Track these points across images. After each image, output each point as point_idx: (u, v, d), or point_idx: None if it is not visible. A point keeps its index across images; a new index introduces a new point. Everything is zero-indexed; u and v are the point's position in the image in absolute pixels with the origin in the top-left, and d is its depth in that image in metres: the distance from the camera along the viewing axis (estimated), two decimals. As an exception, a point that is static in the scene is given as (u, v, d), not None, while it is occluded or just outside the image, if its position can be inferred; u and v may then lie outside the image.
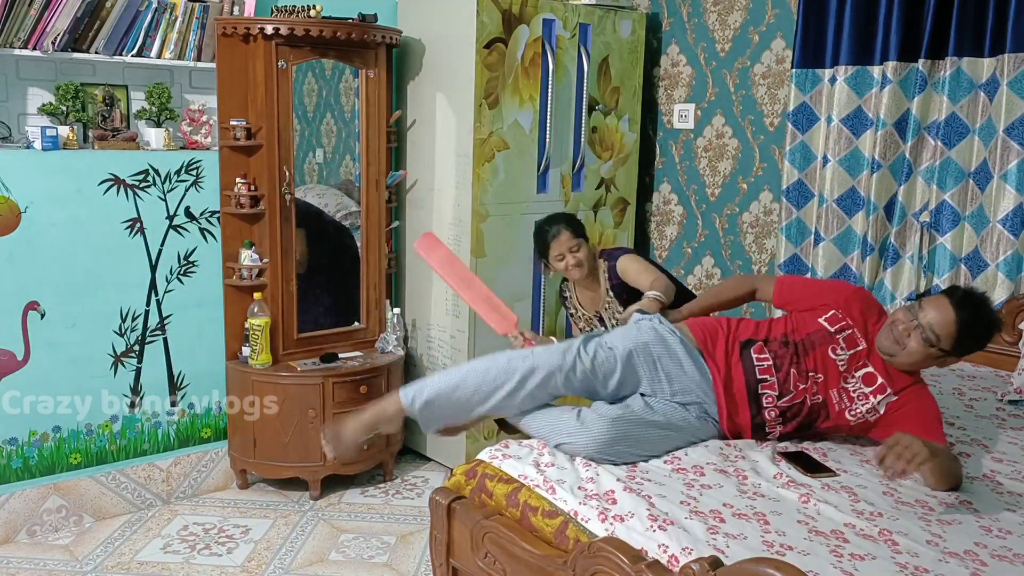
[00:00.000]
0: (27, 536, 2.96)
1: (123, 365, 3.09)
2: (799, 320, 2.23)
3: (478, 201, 3.36)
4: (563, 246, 2.83)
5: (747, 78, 3.63)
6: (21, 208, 2.79)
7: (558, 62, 3.49)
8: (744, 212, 3.72)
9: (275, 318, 3.25)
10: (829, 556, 1.59)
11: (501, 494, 1.98)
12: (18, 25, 2.73)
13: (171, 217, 3.11)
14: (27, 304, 2.85)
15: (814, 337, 2.17)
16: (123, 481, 3.15)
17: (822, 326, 2.18)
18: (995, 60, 2.83)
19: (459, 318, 3.47)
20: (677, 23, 3.87)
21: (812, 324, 2.20)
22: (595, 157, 3.75)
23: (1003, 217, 2.82)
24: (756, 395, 2.15)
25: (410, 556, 2.92)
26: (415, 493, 3.43)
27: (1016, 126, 2.78)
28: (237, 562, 2.86)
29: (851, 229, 3.23)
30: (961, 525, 1.76)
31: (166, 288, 3.14)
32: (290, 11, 3.12)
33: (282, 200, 3.20)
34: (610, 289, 2.88)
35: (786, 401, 2.14)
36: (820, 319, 2.19)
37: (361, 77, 3.36)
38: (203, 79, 3.21)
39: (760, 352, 2.18)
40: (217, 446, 3.37)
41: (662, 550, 1.63)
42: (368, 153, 3.43)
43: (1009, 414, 2.51)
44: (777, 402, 2.14)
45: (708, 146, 3.81)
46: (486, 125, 3.33)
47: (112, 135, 3.01)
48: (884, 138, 3.07)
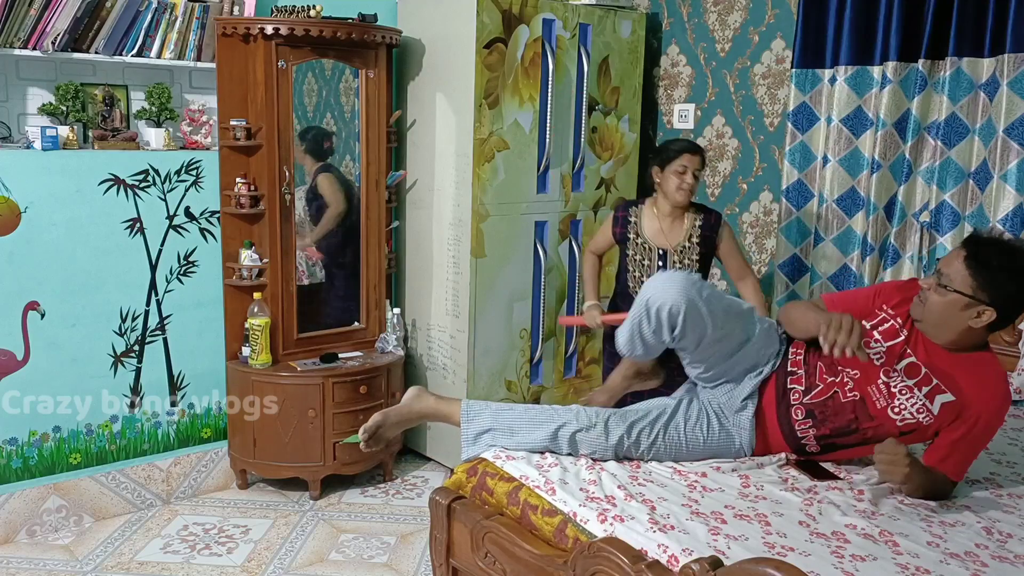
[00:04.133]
0: (27, 536, 2.96)
1: (123, 365, 3.09)
2: None
3: (478, 201, 3.36)
4: (693, 163, 2.84)
5: (747, 78, 3.63)
6: (21, 208, 2.79)
7: (558, 62, 3.49)
8: (744, 212, 3.72)
9: (275, 318, 3.25)
10: (830, 557, 1.60)
11: (502, 492, 1.98)
12: (18, 25, 2.73)
13: (171, 217, 3.11)
14: (27, 304, 2.85)
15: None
16: (123, 481, 3.15)
17: (868, 310, 2.09)
18: (995, 60, 2.83)
19: (459, 318, 3.47)
20: (677, 23, 3.87)
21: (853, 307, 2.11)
22: (595, 157, 3.75)
23: (1003, 217, 2.83)
24: (784, 391, 2.08)
25: (410, 556, 2.92)
26: (415, 493, 3.43)
27: (1016, 126, 2.78)
28: (237, 562, 2.86)
29: (851, 229, 3.23)
30: (962, 526, 1.76)
31: (166, 288, 3.14)
32: (290, 11, 3.12)
33: (282, 200, 3.20)
34: (698, 238, 2.90)
35: (813, 397, 2.05)
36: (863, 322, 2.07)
37: (361, 77, 3.36)
38: (203, 79, 3.21)
39: (795, 353, 2.14)
40: (217, 446, 3.37)
41: (662, 550, 1.64)
42: (368, 153, 3.43)
43: (1009, 414, 2.51)
44: (803, 398, 2.06)
45: (708, 146, 3.81)
46: (486, 125, 3.33)
47: (112, 135, 3.01)
48: (884, 138, 3.07)
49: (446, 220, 3.48)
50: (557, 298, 3.74)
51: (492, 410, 2.14)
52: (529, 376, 3.69)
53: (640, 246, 2.94)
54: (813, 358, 2.10)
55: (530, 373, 3.69)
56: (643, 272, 2.93)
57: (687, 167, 2.83)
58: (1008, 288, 1.87)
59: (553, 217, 3.64)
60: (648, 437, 2.05)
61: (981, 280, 1.87)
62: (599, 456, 2.05)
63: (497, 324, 3.52)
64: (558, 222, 3.66)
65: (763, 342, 2.13)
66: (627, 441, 2.04)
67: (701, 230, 2.91)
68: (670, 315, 2.00)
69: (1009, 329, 2.83)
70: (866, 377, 2.02)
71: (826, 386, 2.05)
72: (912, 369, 1.99)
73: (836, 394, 2.04)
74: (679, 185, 2.84)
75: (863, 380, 2.02)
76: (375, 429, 2.14)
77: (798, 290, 3.45)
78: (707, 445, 2.09)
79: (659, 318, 2.01)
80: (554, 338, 3.76)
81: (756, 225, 3.67)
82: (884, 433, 1.97)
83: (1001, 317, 1.90)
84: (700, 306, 2.00)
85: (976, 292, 1.88)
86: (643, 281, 2.86)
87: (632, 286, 2.95)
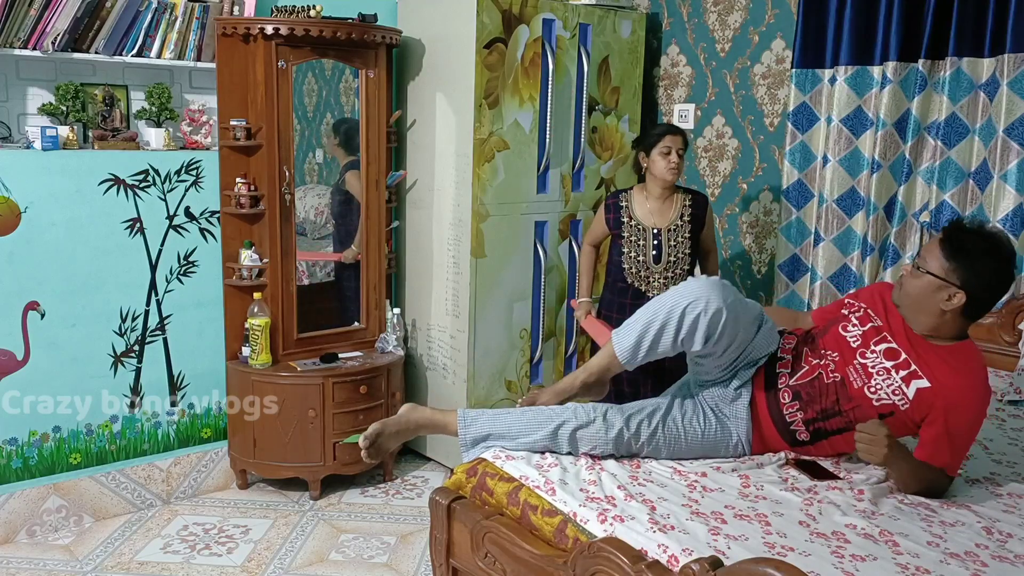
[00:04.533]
0: (27, 536, 2.96)
1: (123, 365, 3.09)
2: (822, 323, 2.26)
3: (478, 201, 3.36)
4: (676, 143, 2.96)
5: (747, 78, 3.63)
6: (21, 208, 2.79)
7: (558, 62, 3.49)
8: (744, 212, 3.72)
9: (275, 318, 3.25)
10: (830, 557, 1.60)
11: (502, 492, 1.98)
12: (18, 25, 2.73)
13: (171, 217, 3.11)
14: (27, 304, 2.85)
15: (828, 324, 2.19)
16: (123, 481, 3.15)
17: (837, 313, 2.20)
18: (995, 60, 2.83)
19: (459, 318, 3.47)
20: (677, 23, 3.87)
21: (829, 316, 2.24)
22: (595, 157, 3.75)
23: (1003, 217, 2.83)
24: (773, 376, 2.14)
25: (410, 556, 2.92)
26: (415, 493, 3.43)
27: (1016, 126, 2.78)
28: (237, 562, 2.86)
29: (851, 229, 3.23)
30: (962, 526, 1.76)
31: (166, 288, 3.14)
32: (290, 11, 3.12)
33: (282, 200, 3.20)
34: (689, 217, 3.02)
35: (798, 379, 2.10)
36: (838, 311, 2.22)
37: (361, 77, 3.36)
38: (203, 79, 3.21)
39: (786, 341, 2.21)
40: (217, 446, 3.37)
41: (662, 550, 1.63)
42: (368, 153, 3.43)
43: (1009, 414, 2.52)
44: (790, 380, 2.11)
45: (708, 146, 3.81)
46: (486, 125, 3.33)
47: (112, 135, 3.00)
48: (884, 138, 3.07)
49: (446, 220, 3.48)
50: (557, 298, 3.74)
51: (488, 416, 2.13)
52: (529, 376, 3.69)
53: (634, 228, 3.03)
54: (800, 345, 2.17)
55: (530, 373, 3.69)
56: (640, 253, 3.00)
57: (671, 147, 2.95)
58: (978, 270, 1.92)
59: (553, 217, 3.64)
60: (648, 428, 2.06)
61: (954, 263, 1.92)
62: (600, 451, 2.05)
63: (497, 324, 3.52)
64: (558, 222, 3.66)
65: (764, 341, 2.17)
66: (627, 433, 2.05)
67: (692, 210, 3.03)
68: (710, 322, 2.00)
69: (1009, 329, 2.83)
70: (844, 359, 2.07)
71: (811, 368, 2.10)
72: (891, 353, 2.03)
73: (820, 375, 2.08)
74: (667, 165, 2.95)
75: (842, 362, 2.07)
76: (375, 437, 2.15)
77: (798, 290, 3.45)
78: (705, 438, 2.11)
79: (695, 324, 2.00)
80: (554, 338, 3.77)
81: (756, 225, 3.67)
82: (863, 415, 2.01)
83: (972, 301, 1.94)
84: (738, 307, 2.05)
85: (948, 274, 1.93)
86: (639, 262, 2.99)
87: (628, 267, 3.02)
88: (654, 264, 2.99)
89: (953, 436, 1.92)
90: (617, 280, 3.06)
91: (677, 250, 2.99)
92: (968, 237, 1.95)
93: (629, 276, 3.02)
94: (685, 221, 3.01)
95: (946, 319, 1.97)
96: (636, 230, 3.02)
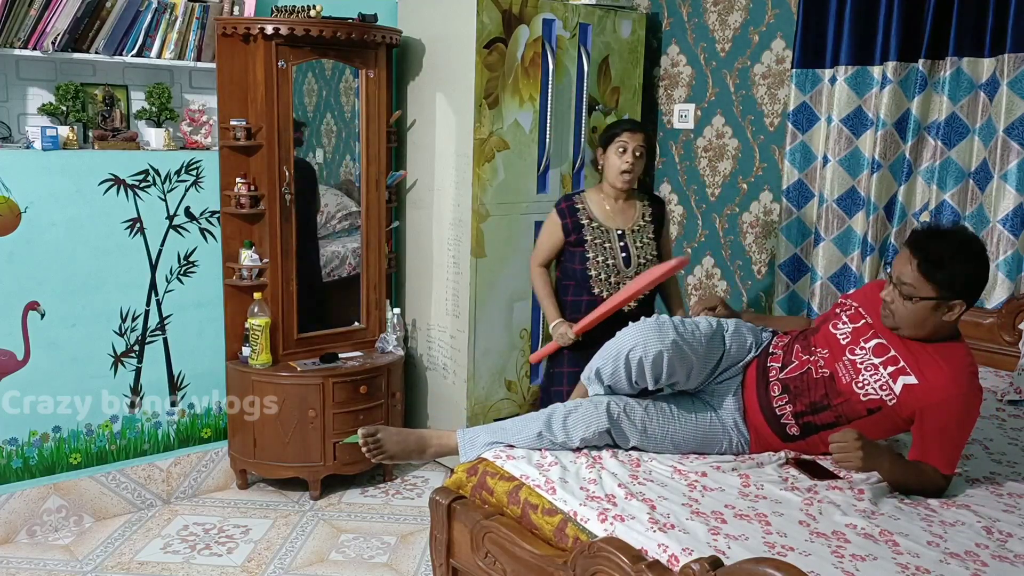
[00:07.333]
0: (27, 536, 2.96)
1: (123, 365, 3.09)
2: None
3: (478, 201, 3.36)
4: (634, 142, 2.75)
5: (747, 78, 3.63)
6: (21, 208, 2.79)
7: (558, 62, 3.49)
8: (744, 212, 3.72)
9: (275, 318, 3.25)
10: (830, 557, 1.60)
11: (502, 491, 1.98)
12: (18, 25, 2.73)
13: (171, 217, 3.11)
14: (27, 304, 2.85)
15: (821, 323, 2.22)
16: (123, 481, 3.15)
17: (829, 312, 2.25)
18: (995, 60, 2.83)
19: (459, 318, 3.47)
20: (677, 23, 3.87)
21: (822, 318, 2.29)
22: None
23: (1003, 217, 2.83)
24: (764, 371, 2.18)
25: (410, 556, 2.92)
26: (415, 493, 3.43)
27: (1016, 126, 2.78)
28: (237, 562, 2.86)
29: (851, 229, 3.23)
30: (962, 526, 1.76)
31: (166, 288, 3.14)
32: (290, 11, 3.12)
33: (282, 200, 3.20)
34: (650, 217, 2.88)
35: (788, 373, 2.13)
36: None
37: (361, 77, 3.36)
38: (203, 79, 3.21)
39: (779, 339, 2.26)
40: (217, 446, 3.37)
41: (662, 550, 1.63)
42: (368, 153, 3.43)
43: (1009, 414, 2.51)
44: (779, 374, 2.14)
45: (708, 146, 3.81)
46: (486, 125, 3.33)
47: (112, 135, 3.01)
48: (884, 138, 3.07)
49: (446, 220, 3.48)
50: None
51: (487, 428, 2.21)
52: (529, 376, 3.69)
53: (596, 229, 2.80)
54: (792, 342, 2.20)
55: (530, 373, 3.69)
56: (608, 256, 2.79)
57: (627, 145, 2.73)
58: (967, 277, 1.94)
59: (553, 217, 3.64)
60: (639, 406, 2.11)
61: (941, 280, 1.92)
62: (594, 430, 2.06)
63: (497, 324, 3.52)
64: (558, 222, 3.66)
65: (736, 343, 2.23)
66: (616, 408, 2.09)
67: (651, 209, 2.91)
68: (653, 364, 2.08)
69: (1009, 329, 2.83)
70: (834, 355, 2.09)
71: (800, 363, 2.13)
72: (880, 349, 2.05)
73: (809, 370, 2.11)
74: (620, 165, 2.74)
75: (831, 358, 2.09)
76: (374, 432, 2.20)
77: (798, 290, 3.45)
78: (699, 423, 2.14)
79: (640, 368, 2.09)
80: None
81: (756, 225, 3.67)
82: (851, 410, 2.03)
83: (970, 301, 1.97)
84: (681, 344, 2.09)
85: (941, 293, 1.93)
86: (609, 266, 2.80)
87: (596, 274, 2.78)
88: (625, 267, 2.79)
89: (944, 433, 1.92)
90: (583, 294, 2.81)
91: (645, 251, 2.83)
92: (938, 248, 1.94)
93: (597, 285, 2.78)
94: (647, 221, 2.87)
95: (945, 325, 1.99)
96: (599, 232, 2.80)
